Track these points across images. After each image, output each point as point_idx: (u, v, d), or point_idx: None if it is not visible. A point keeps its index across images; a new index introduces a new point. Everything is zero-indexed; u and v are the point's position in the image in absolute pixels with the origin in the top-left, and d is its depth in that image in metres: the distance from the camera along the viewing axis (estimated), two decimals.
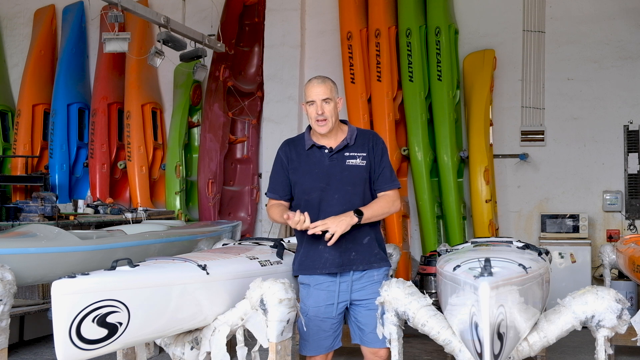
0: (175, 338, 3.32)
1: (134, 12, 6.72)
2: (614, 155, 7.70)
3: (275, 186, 3.51)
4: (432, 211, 7.60)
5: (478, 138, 7.51)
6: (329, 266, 3.38)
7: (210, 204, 8.22)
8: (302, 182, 3.42)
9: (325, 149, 3.42)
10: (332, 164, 3.40)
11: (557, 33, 7.90)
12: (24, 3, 9.66)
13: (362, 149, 3.42)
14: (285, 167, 3.47)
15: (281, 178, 3.48)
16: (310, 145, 3.44)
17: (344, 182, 3.37)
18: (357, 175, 3.39)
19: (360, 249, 3.40)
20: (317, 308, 3.40)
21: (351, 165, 3.39)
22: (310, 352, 3.43)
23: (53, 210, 6.22)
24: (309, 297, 3.42)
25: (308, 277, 3.45)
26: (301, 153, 3.46)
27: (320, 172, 3.39)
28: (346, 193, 3.36)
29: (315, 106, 3.35)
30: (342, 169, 3.39)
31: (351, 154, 3.41)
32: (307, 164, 3.43)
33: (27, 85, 8.82)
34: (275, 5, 8.44)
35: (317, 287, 3.42)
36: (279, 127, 8.32)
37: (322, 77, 3.44)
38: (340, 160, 3.40)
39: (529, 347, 3.05)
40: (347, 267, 3.39)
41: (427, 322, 3.15)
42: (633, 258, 5.02)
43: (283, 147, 3.53)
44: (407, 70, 7.62)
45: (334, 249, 3.34)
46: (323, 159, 3.42)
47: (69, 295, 2.51)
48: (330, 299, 3.40)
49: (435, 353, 5.56)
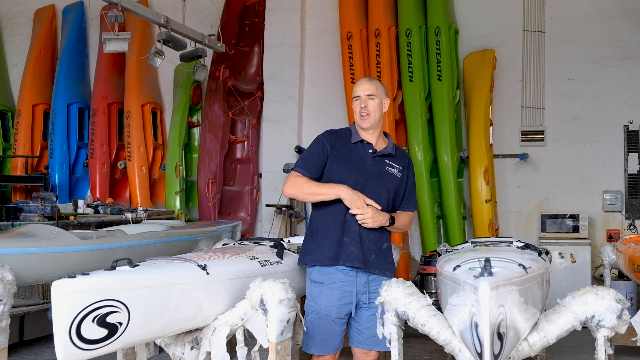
0: (175, 338, 3.32)
1: (134, 12, 6.73)
2: (614, 155, 7.70)
3: (309, 165, 3.46)
4: (432, 211, 7.60)
5: (478, 138, 7.51)
6: (353, 260, 3.40)
7: (210, 204, 8.22)
8: (341, 172, 3.44)
9: (370, 148, 3.50)
10: (374, 164, 3.49)
11: (557, 33, 7.90)
12: (24, 3, 9.66)
13: (400, 163, 3.56)
14: (326, 152, 3.47)
15: (318, 160, 3.47)
16: (358, 140, 3.51)
17: (379, 185, 3.46)
18: (391, 184, 3.50)
19: (379, 253, 3.48)
20: (329, 307, 3.39)
21: (389, 172, 3.51)
22: (318, 351, 3.43)
23: (53, 210, 6.22)
24: (321, 295, 3.41)
25: (322, 275, 3.43)
26: (346, 144, 3.51)
27: (362, 167, 3.46)
28: (378, 196, 3.44)
29: (360, 100, 3.49)
30: (381, 173, 3.49)
31: (391, 162, 3.53)
32: (350, 156, 3.48)
33: (27, 85, 8.83)
34: (275, 5, 8.44)
35: (331, 286, 3.40)
36: (279, 127, 8.33)
37: (371, 77, 3.67)
38: (381, 164, 3.51)
39: (529, 347, 3.05)
40: (368, 267, 3.43)
41: (427, 322, 3.14)
42: (633, 258, 5.02)
43: (327, 134, 3.56)
44: (407, 70, 7.62)
45: (359, 245, 3.39)
46: (366, 156, 3.49)
47: (69, 295, 2.51)
48: (345, 299, 3.40)
49: (435, 353, 5.56)
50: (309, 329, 3.39)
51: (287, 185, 3.44)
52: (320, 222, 3.47)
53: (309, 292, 3.51)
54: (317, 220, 3.49)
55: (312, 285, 3.48)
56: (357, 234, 3.40)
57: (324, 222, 3.45)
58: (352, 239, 3.39)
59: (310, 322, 3.37)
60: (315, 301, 3.43)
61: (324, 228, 3.46)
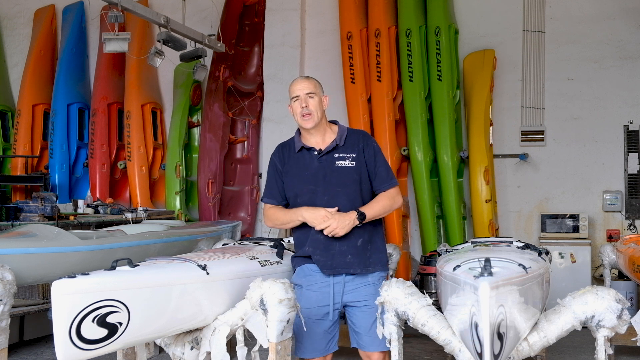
0: (175, 338, 3.32)
1: (134, 12, 6.73)
2: (614, 155, 7.70)
3: (272, 191, 3.49)
4: (432, 211, 7.60)
5: (478, 138, 7.51)
6: (322, 267, 3.36)
7: (210, 204, 8.22)
8: (293, 185, 3.41)
9: (315, 151, 3.40)
10: (321, 166, 3.38)
11: (557, 33, 7.90)
12: (24, 3, 9.66)
13: (352, 150, 3.39)
14: (279, 171, 3.46)
15: (277, 183, 3.46)
16: (300, 148, 3.43)
17: (332, 183, 3.34)
18: (347, 177, 3.35)
19: (356, 252, 3.36)
20: (310, 310, 3.36)
21: (340, 166, 3.36)
22: (305, 355, 3.42)
23: (53, 210, 6.22)
24: (301, 298, 3.38)
25: (301, 278, 3.44)
26: (292, 156, 3.45)
27: (309, 174, 3.38)
28: (335, 194, 3.33)
29: (300, 100, 3.36)
30: (331, 171, 3.36)
31: (340, 155, 3.38)
32: (297, 166, 3.41)
33: (27, 85, 8.82)
34: (275, 5, 8.44)
35: (309, 288, 3.40)
36: (279, 127, 8.32)
37: (306, 76, 3.51)
38: (330, 162, 3.38)
39: (529, 347, 3.05)
40: (344, 269, 3.37)
41: (427, 322, 3.14)
42: (633, 258, 5.02)
43: (276, 151, 3.52)
44: (407, 70, 7.62)
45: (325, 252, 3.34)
46: (312, 160, 3.40)
47: (69, 295, 2.51)
48: (323, 301, 3.38)
49: (435, 353, 5.56)
50: (295, 334, 3.35)
51: (265, 220, 3.57)
52: (294, 236, 3.54)
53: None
54: (293, 235, 3.56)
55: (296, 289, 3.43)
56: (321, 242, 3.34)
57: (296, 236, 3.51)
58: (315, 247, 3.35)
59: (295, 326, 3.31)
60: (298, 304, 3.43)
61: (297, 241, 3.51)
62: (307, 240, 3.39)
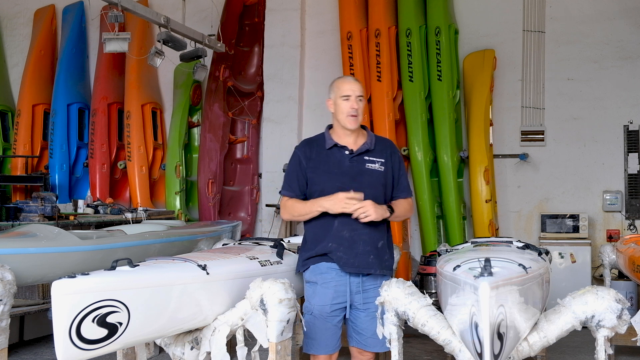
0: (175, 338, 3.32)
1: (134, 12, 6.73)
2: (614, 155, 7.70)
3: (291, 184, 3.51)
4: (432, 211, 7.60)
5: (478, 138, 7.51)
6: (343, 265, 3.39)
7: (210, 204, 8.22)
8: (321, 182, 3.44)
9: (346, 150, 3.47)
10: (352, 166, 3.45)
11: (557, 33, 7.90)
12: (24, 3, 9.66)
13: (381, 155, 3.51)
14: (303, 166, 3.48)
15: (298, 177, 3.49)
16: (332, 145, 3.48)
17: (362, 184, 3.41)
18: (376, 179, 3.46)
19: (377, 253, 3.46)
20: (323, 307, 3.39)
21: (371, 169, 3.47)
22: (318, 351, 3.43)
23: (53, 210, 6.22)
24: (315, 295, 3.41)
25: (316, 275, 3.44)
26: (321, 152, 3.49)
27: (340, 172, 3.44)
28: (365, 196, 3.38)
29: (351, 101, 3.42)
30: (361, 172, 3.45)
31: (371, 158, 3.48)
32: (327, 163, 3.46)
33: (27, 85, 8.82)
34: (275, 5, 8.44)
35: (324, 285, 3.41)
36: (279, 127, 8.33)
37: (355, 78, 3.62)
38: (360, 163, 3.46)
39: (529, 347, 3.05)
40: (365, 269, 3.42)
41: (427, 322, 3.14)
42: (633, 258, 5.02)
43: (302, 146, 3.55)
44: (407, 70, 7.62)
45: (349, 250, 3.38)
46: (344, 159, 3.46)
47: (69, 295, 2.51)
48: (338, 298, 3.40)
49: (435, 353, 5.56)
50: (308, 330, 3.39)
51: (282, 212, 3.59)
52: (309, 232, 3.52)
53: (305, 293, 3.52)
54: (307, 231, 3.54)
55: (307, 286, 3.50)
56: (346, 240, 3.39)
57: (312, 232, 3.49)
58: (339, 244, 3.38)
59: (307, 323, 3.37)
60: (309, 301, 3.44)
61: (313, 237, 3.50)
62: (327, 236, 3.40)
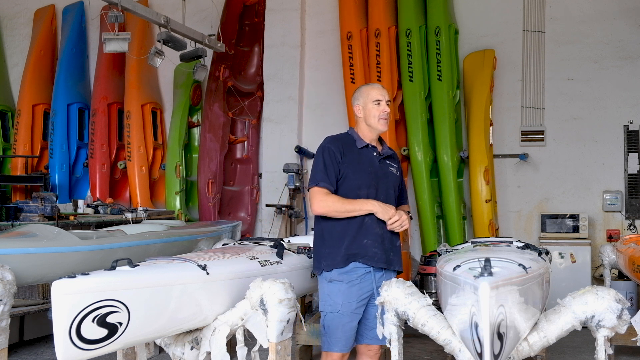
0: (175, 338, 3.32)
1: (134, 12, 6.73)
2: (614, 155, 7.70)
3: (330, 177, 3.53)
4: (432, 211, 7.60)
5: (478, 138, 7.51)
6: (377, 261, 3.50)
7: (210, 204, 8.22)
8: (355, 178, 3.55)
9: (375, 152, 3.66)
10: (381, 167, 3.66)
11: (557, 33, 7.90)
12: (24, 3, 9.66)
13: (395, 162, 3.79)
14: (338, 160, 3.55)
15: (334, 169, 3.55)
16: (364, 145, 3.63)
17: (388, 185, 3.66)
18: (394, 182, 3.72)
19: (396, 251, 3.65)
20: (349, 304, 3.43)
21: (392, 172, 3.73)
22: (341, 349, 3.46)
23: (53, 210, 6.21)
24: (341, 293, 3.44)
25: (342, 274, 3.46)
26: (353, 150, 3.62)
27: (372, 171, 3.60)
28: (388, 196, 3.63)
29: (382, 105, 3.64)
30: (386, 174, 3.68)
31: (390, 162, 3.73)
32: (360, 161, 3.59)
33: (27, 85, 8.83)
34: (275, 5, 8.44)
35: (351, 283, 3.45)
36: (279, 127, 8.33)
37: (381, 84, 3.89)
38: (385, 165, 3.70)
39: (529, 347, 3.05)
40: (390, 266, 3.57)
41: (427, 322, 3.14)
42: (633, 258, 5.02)
43: (333, 141, 3.63)
44: (407, 70, 7.62)
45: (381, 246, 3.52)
46: (374, 160, 3.64)
47: (69, 295, 2.51)
48: (362, 295, 3.46)
49: (435, 353, 5.56)
50: (329, 329, 3.43)
51: (317, 205, 3.51)
52: (334, 227, 3.52)
53: (327, 291, 3.50)
54: (331, 225, 3.53)
55: (332, 285, 3.49)
56: (379, 236, 3.52)
57: (338, 227, 3.51)
58: (374, 240, 3.50)
59: (330, 321, 3.42)
60: (332, 299, 3.46)
61: (340, 232, 3.51)
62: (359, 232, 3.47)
